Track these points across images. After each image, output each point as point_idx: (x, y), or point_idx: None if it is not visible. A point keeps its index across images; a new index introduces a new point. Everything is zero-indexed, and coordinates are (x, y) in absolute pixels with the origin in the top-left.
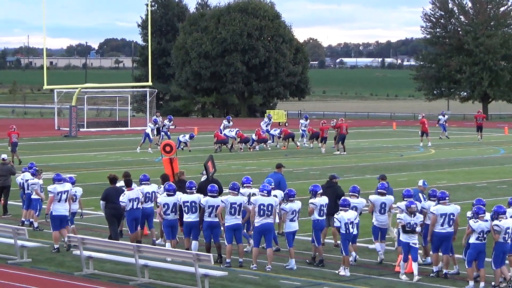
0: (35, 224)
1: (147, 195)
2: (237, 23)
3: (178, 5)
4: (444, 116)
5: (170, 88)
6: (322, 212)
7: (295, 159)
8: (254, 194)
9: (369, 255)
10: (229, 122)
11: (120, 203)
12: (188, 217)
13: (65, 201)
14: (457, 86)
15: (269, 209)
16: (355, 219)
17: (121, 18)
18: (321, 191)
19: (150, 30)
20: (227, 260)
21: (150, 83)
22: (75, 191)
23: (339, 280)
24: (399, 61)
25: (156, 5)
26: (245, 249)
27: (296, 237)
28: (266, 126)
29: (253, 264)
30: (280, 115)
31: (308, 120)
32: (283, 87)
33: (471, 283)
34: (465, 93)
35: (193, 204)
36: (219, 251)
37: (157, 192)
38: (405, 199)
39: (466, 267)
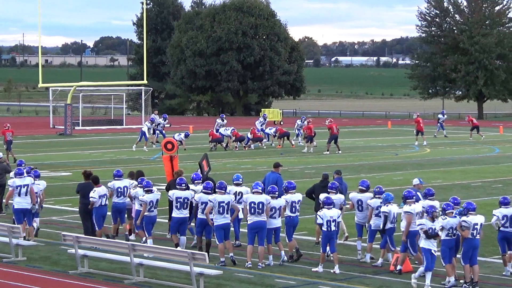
0: (34, 225)
1: (119, 189)
2: (232, 22)
3: (173, 4)
4: (444, 116)
5: (165, 87)
6: (294, 208)
7: (290, 158)
8: (240, 193)
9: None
10: (222, 120)
11: (91, 198)
12: (180, 213)
13: (25, 195)
14: (452, 85)
15: (260, 207)
16: (338, 217)
17: (116, 16)
18: (294, 189)
19: (146, 29)
20: (221, 259)
21: (145, 81)
22: (38, 184)
23: (334, 279)
24: (394, 60)
25: (151, 3)
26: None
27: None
28: (261, 126)
29: (248, 262)
30: (275, 113)
31: (305, 122)
32: (278, 86)
33: (452, 279)
34: (460, 92)
35: (185, 200)
36: (207, 248)
37: (129, 188)
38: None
39: (443, 264)
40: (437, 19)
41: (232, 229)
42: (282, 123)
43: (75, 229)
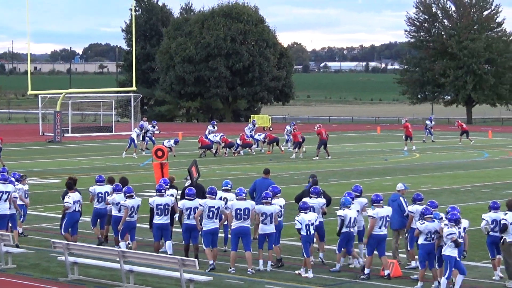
0: (20, 230)
1: (99, 195)
2: (221, 28)
3: (162, 10)
4: (431, 122)
5: (155, 93)
6: (280, 213)
7: (279, 164)
8: (226, 199)
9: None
10: (214, 127)
11: (65, 204)
12: (161, 219)
13: (5, 201)
14: (441, 90)
15: (246, 213)
16: (315, 220)
17: (105, 23)
18: (279, 194)
19: (134, 35)
20: (211, 262)
21: (134, 88)
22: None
23: (324, 284)
24: (383, 65)
25: (140, 10)
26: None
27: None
28: (251, 132)
29: (231, 268)
30: (265, 119)
31: (295, 128)
32: (267, 92)
33: (420, 284)
34: (449, 97)
35: (166, 206)
36: (196, 253)
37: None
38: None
39: (419, 268)
40: (425, 24)
41: (222, 235)
42: (271, 129)
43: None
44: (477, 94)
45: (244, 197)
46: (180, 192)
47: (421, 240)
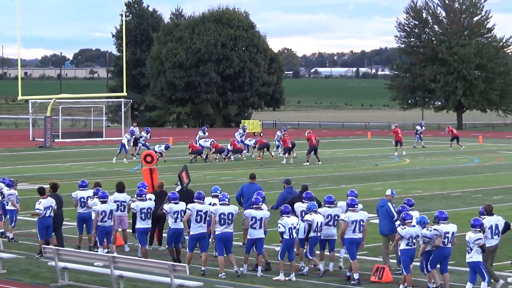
0: (10, 235)
1: (82, 199)
2: (211, 33)
3: (152, 15)
4: (422, 127)
5: (145, 98)
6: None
7: (270, 169)
8: (214, 204)
9: (344, 264)
10: (204, 133)
11: (36, 210)
12: (144, 224)
13: None
14: (431, 95)
15: (230, 217)
16: (297, 224)
17: (95, 28)
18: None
19: (125, 41)
20: (202, 268)
21: (125, 93)
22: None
23: None
24: (374, 71)
25: (130, 15)
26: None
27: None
28: (241, 137)
29: (221, 273)
30: (255, 125)
31: (285, 133)
32: (257, 97)
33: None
34: (439, 103)
35: (149, 210)
36: (177, 256)
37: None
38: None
39: (404, 273)
40: (416, 30)
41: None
42: (262, 134)
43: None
44: (467, 99)
45: (228, 202)
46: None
47: (402, 245)
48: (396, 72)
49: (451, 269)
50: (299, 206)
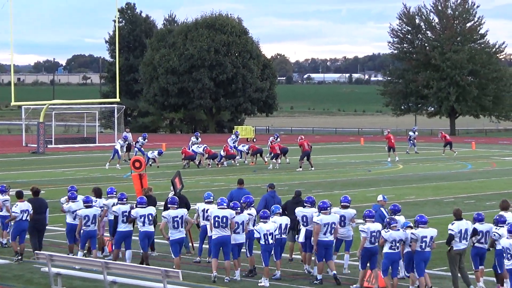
0: (3, 241)
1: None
2: (204, 39)
3: (145, 21)
4: (414, 133)
5: (138, 104)
6: (254, 222)
7: (263, 175)
8: (208, 210)
9: (338, 270)
10: (197, 139)
11: (12, 213)
12: (125, 227)
13: None
14: (424, 101)
15: (224, 221)
16: (274, 231)
17: (88, 34)
18: (252, 204)
19: (118, 46)
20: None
21: (118, 99)
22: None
23: None
24: (367, 77)
25: (123, 21)
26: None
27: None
28: (234, 143)
29: (213, 272)
30: (248, 131)
31: (279, 139)
32: (250, 103)
33: None
34: (432, 108)
35: (125, 214)
36: (146, 261)
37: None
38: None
39: (382, 276)
40: (409, 36)
41: (206, 246)
42: (255, 140)
43: (48, 247)
44: (460, 105)
45: (225, 206)
46: (163, 203)
47: (386, 249)
48: (389, 78)
49: (431, 273)
50: (300, 211)
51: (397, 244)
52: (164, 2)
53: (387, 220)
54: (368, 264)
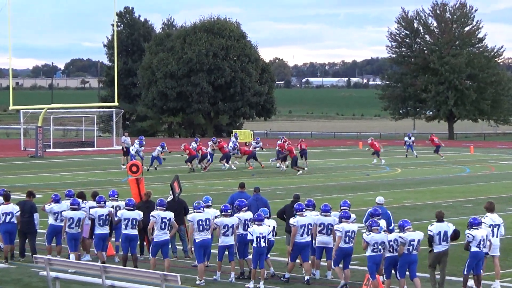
0: (1, 245)
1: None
2: (202, 43)
3: (144, 25)
4: (410, 138)
5: (137, 108)
6: (246, 226)
7: (261, 179)
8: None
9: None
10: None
11: None
12: (102, 230)
13: None
14: (422, 105)
15: (207, 223)
16: (268, 234)
17: (87, 38)
18: (246, 207)
19: (116, 50)
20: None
21: (116, 103)
22: None
23: None
24: (365, 81)
25: (122, 25)
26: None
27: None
28: (234, 144)
29: (200, 280)
30: (247, 135)
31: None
32: (249, 107)
33: None
34: (430, 112)
35: (107, 217)
36: (135, 263)
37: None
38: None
39: (371, 279)
40: (407, 40)
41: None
42: (246, 143)
43: (46, 251)
44: (458, 109)
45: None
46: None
47: (368, 252)
48: (387, 82)
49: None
50: (309, 215)
51: (379, 247)
52: (162, 6)
53: (369, 223)
54: (340, 265)
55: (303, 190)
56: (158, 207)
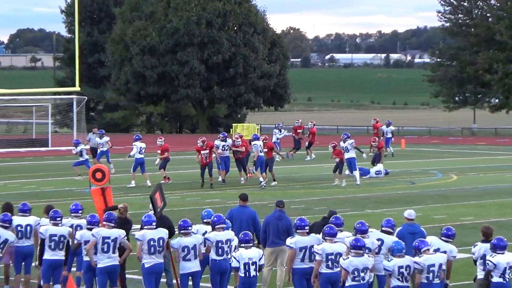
0: None
1: (19, 228)
2: (192, 8)
3: None
4: (388, 127)
5: (105, 95)
6: (221, 250)
7: (271, 189)
8: (205, 231)
9: None
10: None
11: None
12: (54, 255)
13: None
14: (486, 90)
15: (161, 244)
16: (259, 260)
17: (38, 2)
18: (223, 225)
19: (78, 18)
20: None
21: (77, 88)
22: None
23: None
24: (409, 58)
25: None
26: None
27: None
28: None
29: None
30: (251, 130)
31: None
32: (254, 93)
33: None
34: (496, 100)
35: (61, 238)
36: None
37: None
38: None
39: None
40: (465, 3)
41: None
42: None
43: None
44: None
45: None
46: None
47: (348, 282)
48: (438, 60)
49: None
50: (346, 237)
51: (361, 274)
52: None
53: (352, 242)
54: None
55: (327, 204)
56: (105, 223)
